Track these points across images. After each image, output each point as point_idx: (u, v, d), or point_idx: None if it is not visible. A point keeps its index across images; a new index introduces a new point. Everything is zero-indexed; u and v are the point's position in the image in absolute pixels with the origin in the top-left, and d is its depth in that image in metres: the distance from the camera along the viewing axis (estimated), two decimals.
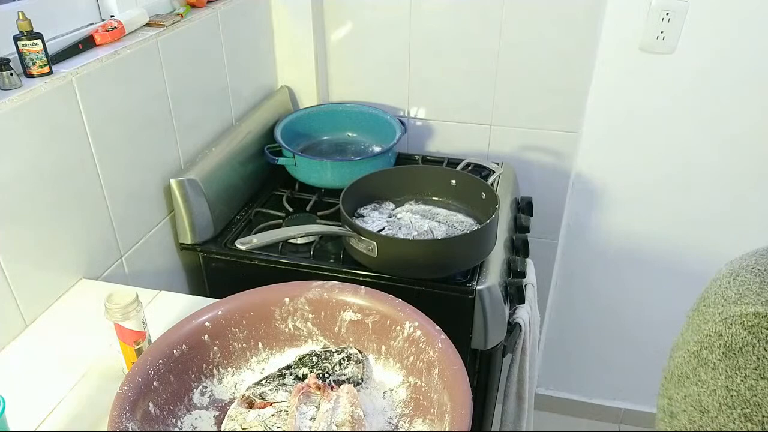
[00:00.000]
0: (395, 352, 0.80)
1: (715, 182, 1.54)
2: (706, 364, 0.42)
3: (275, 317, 0.84)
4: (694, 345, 0.44)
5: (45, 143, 0.89)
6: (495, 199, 1.16)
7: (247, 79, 1.45)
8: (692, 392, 0.43)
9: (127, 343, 0.79)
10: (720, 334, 0.42)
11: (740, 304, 0.42)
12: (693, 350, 0.44)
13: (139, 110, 1.08)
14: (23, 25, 0.87)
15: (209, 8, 1.26)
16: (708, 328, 0.43)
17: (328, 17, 1.56)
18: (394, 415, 0.76)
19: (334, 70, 1.63)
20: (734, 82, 1.41)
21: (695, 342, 0.44)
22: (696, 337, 0.44)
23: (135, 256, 1.12)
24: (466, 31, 1.50)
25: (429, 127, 1.65)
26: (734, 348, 0.41)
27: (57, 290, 0.96)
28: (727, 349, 0.41)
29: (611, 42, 1.44)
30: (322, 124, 1.55)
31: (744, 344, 0.40)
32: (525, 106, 1.55)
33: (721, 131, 1.47)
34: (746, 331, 0.41)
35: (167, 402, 0.74)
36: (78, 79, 0.93)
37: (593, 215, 1.68)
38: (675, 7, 1.36)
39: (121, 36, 1.05)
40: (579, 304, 1.83)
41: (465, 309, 1.12)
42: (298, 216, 1.32)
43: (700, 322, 0.45)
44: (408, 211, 1.25)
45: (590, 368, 1.94)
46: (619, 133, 1.55)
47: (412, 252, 1.09)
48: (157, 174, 1.16)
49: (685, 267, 1.67)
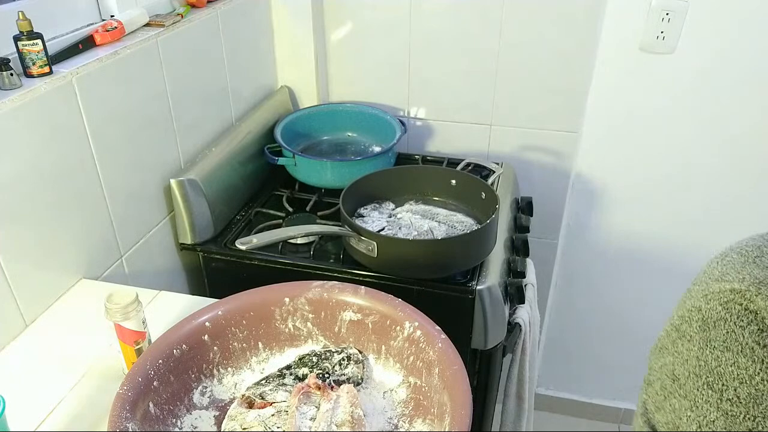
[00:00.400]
0: (395, 352, 0.80)
1: (715, 182, 1.54)
2: (684, 336, 0.44)
3: (275, 317, 0.84)
4: (677, 319, 0.46)
5: (45, 143, 0.89)
6: (495, 199, 1.16)
7: (247, 79, 1.45)
8: (668, 362, 0.45)
9: (127, 343, 0.79)
10: (699, 308, 0.44)
11: (720, 281, 0.44)
12: (675, 323, 0.46)
13: (139, 110, 1.08)
14: (23, 25, 0.87)
15: (209, 8, 1.27)
16: (690, 303, 0.45)
17: (328, 17, 1.56)
18: (394, 415, 0.76)
19: (334, 70, 1.63)
20: (734, 82, 1.41)
21: (678, 316, 0.46)
22: (679, 312, 0.46)
23: (135, 256, 1.12)
24: (466, 31, 1.50)
25: (429, 127, 1.65)
26: (709, 322, 0.43)
27: (57, 290, 0.96)
28: (703, 323, 0.43)
29: (611, 42, 1.44)
30: (322, 124, 1.55)
31: (717, 318, 0.42)
32: (525, 106, 1.55)
33: (721, 131, 1.47)
34: (721, 307, 0.43)
35: (167, 402, 0.74)
36: (78, 79, 0.93)
37: (593, 215, 1.68)
38: (675, 7, 1.36)
39: (121, 36, 1.05)
40: (579, 304, 1.83)
41: (465, 309, 1.12)
42: (298, 216, 1.32)
43: (686, 298, 0.47)
44: (408, 211, 1.25)
45: (590, 368, 1.94)
46: (619, 133, 1.55)
47: (412, 252, 1.09)
48: (157, 174, 1.16)
49: (685, 267, 1.67)
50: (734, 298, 0.42)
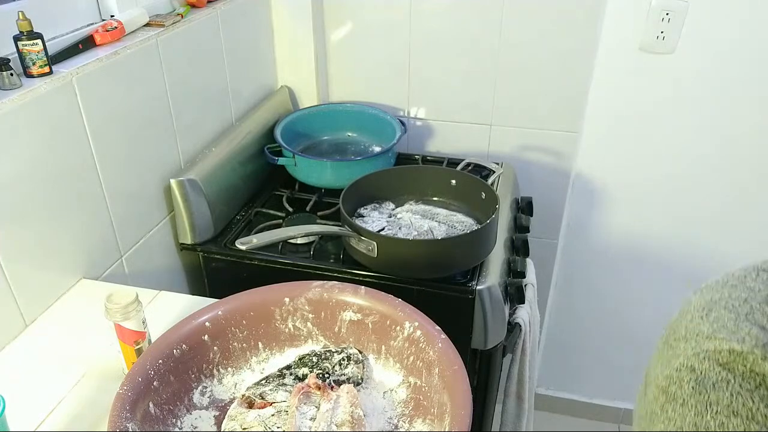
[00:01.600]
0: (395, 352, 0.80)
1: (715, 182, 1.54)
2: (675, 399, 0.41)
3: (275, 317, 0.84)
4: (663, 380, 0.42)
5: (45, 143, 0.89)
6: (495, 199, 1.16)
7: (247, 79, 1.45)
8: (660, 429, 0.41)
9: (127, 343, 0.79)
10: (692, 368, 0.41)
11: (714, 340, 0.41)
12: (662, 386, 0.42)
13: (139, 110, 1.08)
14: (23, 25, 0.87)
15: (209, 8, 1.27)
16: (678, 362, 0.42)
17: (328, 17, 1.56)
18: (394, 415, 0.76)
19: (334, 70, 1.63)
20: (734, 82, 1.41)
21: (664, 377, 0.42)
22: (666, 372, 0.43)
23: (135, 256, 1.12)
24: (466, 31, 1.50)
25: (429, 127, 1.65)
26: (706, 384, 0.39)
27: (57, 290, 0.96)
28: (697, 384, 0.40)
29: (611, 42, 1.44)
30: (322, 124, 1.55)
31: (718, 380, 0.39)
32: (525, 106, 1.55)
33: (721, 131, 1.47)
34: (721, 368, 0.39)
35: (167, 402, 0.74)
36: (78, 79, 0.93)
37: (593, 215, 1.68)
38: (675, 7, 1.36)
39: (121, 36, 1.05)
40: (579, 304, 1.83)
41: (465, 309, 1.12)
42: (298, 216, 1.32)
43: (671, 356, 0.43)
44: (408, 211, 1.25)
45: (590, 368, 1.94)
46: (619, 133, 1.55)
47: (412, 252, 1.09)
48: (157, 174, 1.16)
49: (685, 267, 1.67)
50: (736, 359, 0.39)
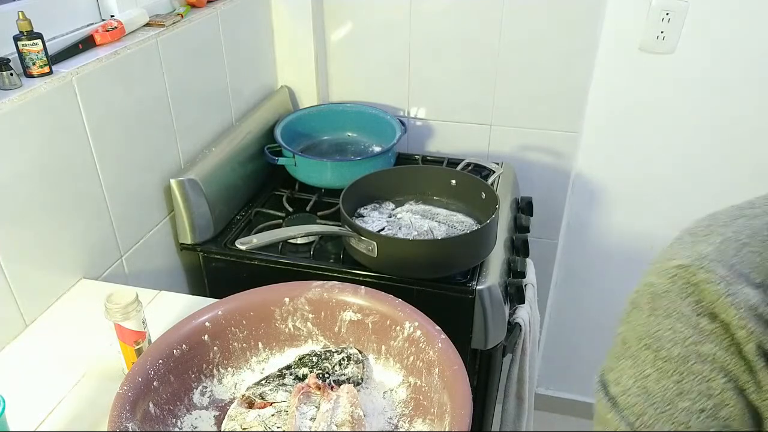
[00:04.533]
0: (395, 352, 0.80)
1: (715, 182, 1.54)
2: (637, 307, 0.51)
3: (275, 317, 0.84)
4: (633, 293, 0.53)
5: (45, 143, 0.89)
6: (495, 199, 1.16)
7: (247, 79, 1.45)
8: (622, 330, 0.52)
9: (127, 343, 0.79)
10: (652, 284, 0.50)
11: (671, 260, 0.49)
12: (631, 298, 0.53)
13: (139, 110, 1.08)
14: (23, 25, 0.87)
15: (209, 8, 1.26)
16: (645, 280, 0.52)
17: (328, 17, 1.56)
18: (394, 415, 0.76)
19: (334, 70, 1.63)
20: (734, 82, 1.41)
21: (634, 291, 0.53)
22: (636, 288, 0.53)
23: (135, 256, 1.12)
24: (466, 31, 1.50)
25: (429, 127, 1.65)
26: (657, 294, 0.49)
27: (57, 290, 0.96)
28: (652, 295, 0.50)
29: (611, 42, 1.44)
30: (322, 124, 1.55)
31: (664, 291, 0.49)
32: (525, 106, 1.55)
33: (721, 131, 1.47)
34: (668, 280, 0.49)
35: (167, 402, 0.74)
36: (78, 79, 0.93)
37: (593, 215, 1.68)
38: (675, 7, 1.36)
39: (121, 36, 1.05)
40: (579, 304, 1.83)
41: (465, 309, 1.12)
42: (298, 216, 1.32)
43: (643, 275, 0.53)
44: (408, 211, 1.25)
45: (590, 368, 1.93)
46: (619, 133, 1.54)
47: (412, 252, 1.09)
48: (157, 174, 1.16)
49: None
50: (679, 272, 0.48)
